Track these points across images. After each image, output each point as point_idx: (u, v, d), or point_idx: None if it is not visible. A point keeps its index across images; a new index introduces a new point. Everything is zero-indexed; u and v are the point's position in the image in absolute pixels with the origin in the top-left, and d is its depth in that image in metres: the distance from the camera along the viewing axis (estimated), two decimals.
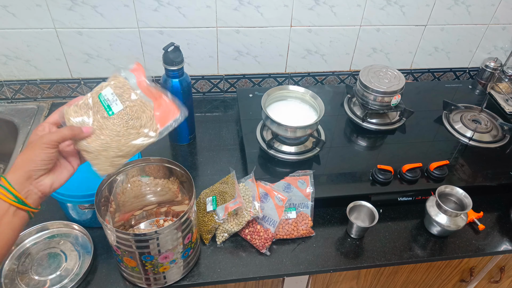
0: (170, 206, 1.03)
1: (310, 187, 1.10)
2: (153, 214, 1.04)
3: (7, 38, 1.26)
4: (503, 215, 1.17)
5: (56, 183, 0.70)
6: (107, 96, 0.74)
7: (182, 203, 1.02)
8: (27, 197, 0.65)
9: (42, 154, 0.65)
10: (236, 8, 1.29)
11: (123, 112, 0.74)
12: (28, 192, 0.65)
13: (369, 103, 1.32)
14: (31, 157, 0.65)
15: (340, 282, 1.17)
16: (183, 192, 1.00)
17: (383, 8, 1.38)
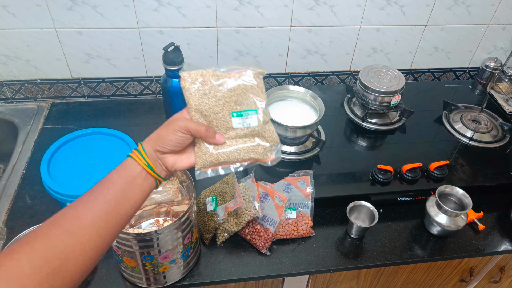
0: (170, 206, 1.03)
1: (310, 187, 1.10)
2: (153, 214, 1.04)
3: (7, 38, 1.26)
4: (503, 215, 1.17)
5: (178, 165, 0.71)
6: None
7: (182, 203, 1.02)
8: (155, 166, 0.69)
9: (172, 136, 0.68)
10: (236, 8, 1.29)
11: (255, 129, 0.73)
12: (155, 160, 0.68)
13: (369, 103, 1.32)
14: (163, 134, 0.68)
15: (340, 282, 1.17)
16: (183, 192, 1.00)
17: (383, 8, 1.38)
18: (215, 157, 0.71)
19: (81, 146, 1.09)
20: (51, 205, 1.09)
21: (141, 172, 0.67)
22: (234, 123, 0.71)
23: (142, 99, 1.47)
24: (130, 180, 0.65)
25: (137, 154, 0.67)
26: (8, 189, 1.13)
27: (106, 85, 1.42)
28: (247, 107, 0.71)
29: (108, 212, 0.61)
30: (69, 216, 0.59)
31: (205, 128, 0.69)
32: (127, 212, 0.64)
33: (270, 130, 0.73)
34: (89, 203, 0.61)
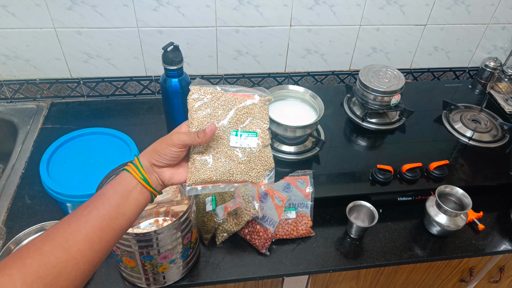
0: (169, 206, 1.03)
1: (310, 187, 1.10)
2: (152, 214, 1.04)
3: (7, 38, 1.26)
4: (502, 215, 1.17)
5: (175, 179, 0.72)
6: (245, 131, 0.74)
7: (181, 203, 1.02)
8: (151, 180, 0.69)
9: (166, 150, 0.68)
10: (236, 7, 1.29)
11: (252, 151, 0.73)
12: (151, 176, 0.69)
13: (368, 102, 1.32)
14: (158, 148, 0.69)
15: (340, 282, 1.17)
16: (182, 192, 1.00)
17: (383, 7, 1.38)
18: (207, 175, 0.71)
19: (81, 146, 1.09)
20: (50, 205, 1.09)
21: (136, 186, 0.67)
22: (231, 141, 0.72)
23: (141, 99, 1.47)
24: (125, 195, 0.66)
25: (133, 168, 0.68)
26: (7, 189, 1.13)
27: (106, 85, 1.42)
28: (248, 129, 0.73)
29: (102, 227, 0.62)
30: (63, 231, 0.59)
31: (196, 133, 0.69)
32: (121, 227, 0.65)
33: (267, 155, 0.74)
34: (83, 218, 0.61)
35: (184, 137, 0.68)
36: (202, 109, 0.72)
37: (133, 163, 0.69)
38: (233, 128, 0.72)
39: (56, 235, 0.58)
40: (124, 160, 0.95)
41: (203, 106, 0.72)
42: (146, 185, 0.68)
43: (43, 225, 1.00)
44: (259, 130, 0.73)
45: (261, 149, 0.72)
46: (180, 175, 0.72)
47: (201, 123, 0.71)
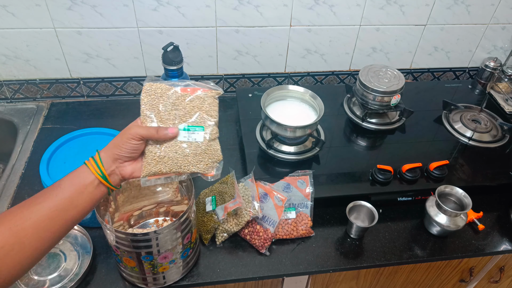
0: (169, 206, 1.03)
1: (310, 187, 1.10)
2: (152, 214, 1.04)
3: (7, 38, 1.26)
4: (502, 215, 1.17)
5: (136, 174, 0.75)
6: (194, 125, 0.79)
7: (181, 203, 1.02)
8: (110, 175, 0.72)
9: (126, 144, 0.72)
10: (236, 7, 1.29)
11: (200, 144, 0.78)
12: (112, 171, 0.72)
13: (368, 102, 1.32)
14: (118, 143, 0.72)
15: (340, 282, 1.17)
16: (182, 192, 1.00)
17: (383, 7, 1.38)
18: (158, 168, 0.75)
19: (81, 146, 1.09)
20: None
21: (93, 181, 0.70)
22: (180, 136, 0.76)
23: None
24: (80, 188, 0.69)
25: (92, 163, 0.71)
26: (7, 189, 1.13)
27: (106, 85, 1.42)
28: (196, 123, 0.77)
29: (52, 217, 0.65)
30: (14, 216, 0.63)
31: (155, 129, 0.74)
32: (73, 218, 0.68)
33: (215, 148, 0.78)
34: (35, 207, 0.65)
35: (142, 130, 0.73)
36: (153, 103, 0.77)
37: (93, 158, 0.72)
38: (181, 122, 0.77)
39: (8, 218, 0.63)
40: None
41: (154, 101, 0.77)
42: (104, 181, 0.71)
43: None
44: (207, 125, 0.78)
45: (208, 142, 0.77)
46: (140, 170, 0.75)
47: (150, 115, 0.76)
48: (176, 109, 0.77)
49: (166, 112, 0.77)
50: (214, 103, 0.79)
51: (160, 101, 0.77)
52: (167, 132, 0.74)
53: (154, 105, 0.77)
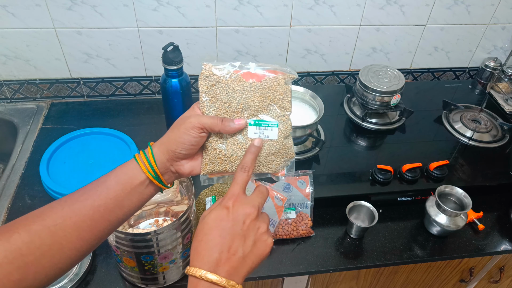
0: (169, 206, 1.03)
1: (310, 187, 1.09)
2: (152, 214, 1.04)
3: (7, 38, 1.26)
4: (502, 215, 1.17)
5: (196, 170, 0.65)
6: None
7: (181, 203, 1.02)
8: (164, 174, 0.63)
9: (185, 136, 0.60)
10: (236, 7, 1.29)
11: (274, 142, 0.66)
12: (166, 169, 0.62)
13: (368, 102, 1.32)
14: (175, 137, 0.61)
15: (340, 282, 1.17)
16: (182, 192, 1.00)
17: (383, 7, 1.38)
18: (222, 167, 0.66)
19: (81, 146, 1.09)
20: None
21: (144, 181, 0.61)
22: (250, 132, 0.64)
23: (141, 99, 1.47)
24: (128, 188, 0.60)
25: (143, 160, 0.61)
26: (7, 189, 1.13)
27: (106, 85, 1.42)
28: (269, 118, 0.65)
29: (95, 218, 0.58)
30: (54, 214, 0.57)
31: (219, 119, 0.62)
32: (118, 219, 0.60)
33: (288, 146, 0.67)
34: (77, 205, 0.58)
35: (204, 119, 0.61)
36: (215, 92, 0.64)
37: (145, 154, 0.61)
38: (252, 116, 0.64)
39: (47, 215, 0.56)
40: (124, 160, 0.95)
41: (216, 89, 0.64)
42: (156, 181, 0.61)
43: None
44: (281, 119, 0.65)
45: (282, 140, 0.65)
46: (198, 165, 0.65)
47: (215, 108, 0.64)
48: (244, 99, 0.64)
49: (232, 103, 0.64)
50: (287, 91, 0.65)
51: (223, 89, 0.64)
52: (233, 123, 0.62)
53: (216, 94, 0.64)
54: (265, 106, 0.64)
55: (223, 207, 0.58)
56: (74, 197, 0.59)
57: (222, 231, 0.56)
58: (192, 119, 0.61)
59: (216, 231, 0.56)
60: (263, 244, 0.58)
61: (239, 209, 0.57)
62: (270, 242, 0.58)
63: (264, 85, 0.64)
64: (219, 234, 0.56)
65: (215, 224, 0.56)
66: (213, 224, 0.57)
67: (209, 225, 0.57)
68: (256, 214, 0.58)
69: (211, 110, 0.64)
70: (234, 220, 0.57)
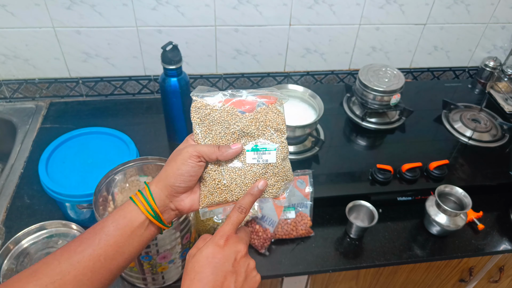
0: None
1: (309, 187, 1.09)
2: None
3: (6, 37, 1.25)
4: (502, 214, 1.17)
5: (196, 205, 0.63)
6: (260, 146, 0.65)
7: None
8: (164, 212, 0.61)
9: (183, 167, 0.59)
10: (235, 6, 1.29)
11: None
12: (165, 207, 0.61)
13: (368, 102, 1.32)
14: (172, 170, 0.59)
15: (340, 282, 1.16)
16: None
17: (383, 7, 1.38)
18: (222, 197, 0.64)
19: (79, 146, 1.09)
20: (49, 205, 1.09)
21: (143, 222, 0.59)
22: (248, 158, 0.63)
23: (140, 98, 1.46)
24: (127, 232, 0.58)
25: (141, 200, 0.59)
26: (6, 189, 1.13)
27: (105, 84, 1.41)
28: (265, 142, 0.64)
29: (95, 269, 0.55)
30: (51, 270, 0.53)
31: (217, 146, 0.61)
32: (119, 267, 0.58)
33: (287, 168, 0.66)
34: (75, 257, 0.54)
35: (203, 147, 0.60)
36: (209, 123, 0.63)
37: (142, 193, 0.60)
38: (249, 143, 0.64)
39: (43, 273, 0.53)
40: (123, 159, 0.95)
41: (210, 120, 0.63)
42: (156, 222, 0.60)
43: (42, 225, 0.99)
44: (276, 142, 0.64)
45: (280, 163, 0.65)
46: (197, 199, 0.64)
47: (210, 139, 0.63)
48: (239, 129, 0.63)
49: (227, 133, 0.63)
50: (279, 115, 0.65)
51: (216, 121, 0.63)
52: (230, 148, 0.61)
53: (209, 125, 0.63)
54: (261, 132, 0.64)
55: (215, 245, 0.57)
56: (70, 249, 0.56)
57: (214, 268, 0.55)
58: (188, 148, 0.60)
59: (208, 269, 0.55)
60: (252, 281, 0.58)
61: (231, 247, 0.57)
62: (258, 279, 0.58)
63: (257, 115, 0.64)
64: (211, 272, 0.55)
65: (207, 262, 0.55)
66: (205, 261, 0.56)
67: (200, 263, 0.56)
68: (246, 251, 0.59)
69: (206, 141, 0.63)
70: (226, 257, 0.56)
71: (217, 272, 0.55)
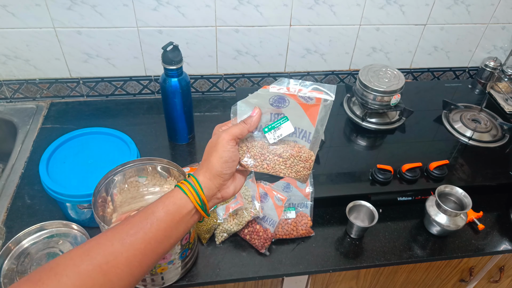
0: None
1: (310, 187, 1.09)
2: None
3: (7, 38, 1.26)
4: (502, 215, 1.17)
5: (238, 188, 0.68)
6: None
7: None
8: (209, 201, 0.64)
9: (224, 154, 0.63)
10: (236, 7, 1.29)
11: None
12: (213, 197, 0.64)
13: (368, 102, 1.32)
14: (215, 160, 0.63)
15: (340, 282, 1.17)
16: None
17: (383, 7, 1.38)
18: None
19: (80, 146, 1.09)
20: (50, 205, 1.09)
21: (191, 211, 0.62)
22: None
23: (141, 99, 1.47)
24: (177, 219, 0.61)
25: (190, 190, 0.62)
26: (7, 189, 1.13)
27: (105, 85, 1.42)
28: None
29: (146, 252, 0.57)
30: (103, 250, 0.55)
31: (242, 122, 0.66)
32: (165, 250, 0.61)
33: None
34: (128, 239, 0.57)
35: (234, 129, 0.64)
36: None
37: (189, 183, 0.63)
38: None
39: (96, 252, 0.55)
40: (123, 160, 0.95)
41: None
42: (202, 211, 0.63)
43: (42, 225, 1.00)
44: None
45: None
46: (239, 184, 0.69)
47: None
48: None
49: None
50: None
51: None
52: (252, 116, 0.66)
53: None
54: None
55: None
56: (122, 231, 0.58)
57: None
58: (223, 135, 0.64)
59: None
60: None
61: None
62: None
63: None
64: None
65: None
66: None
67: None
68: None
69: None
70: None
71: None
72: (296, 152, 0.69)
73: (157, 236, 0.58)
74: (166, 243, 0.60)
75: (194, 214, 0.63)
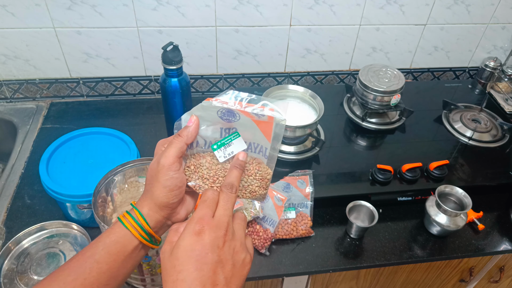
0: None
1: (310, 187, 1.09)
2: None
3: (6, 38, 1.25)
4: (502, 215, 1.17)
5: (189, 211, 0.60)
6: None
7: None
8: (159, 231, 0.57)
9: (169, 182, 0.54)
10: (236, 7, 1.29)
11: None
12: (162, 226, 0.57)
13: (368, 102, 1.32)
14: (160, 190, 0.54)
15: (340, 282, 1.16)
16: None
17: (383, 7, 1.38)
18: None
19: (80, 146, 1.09)
20: (50, 205, 1.09)
21: (137, 247, 0.55)
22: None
23: (141, 99, 1.47)
24: (121, 258, 0.54)
25: (134, 226, 0.55)
26: (7, 189, 1.13)
27: (105, 85, 1.42)
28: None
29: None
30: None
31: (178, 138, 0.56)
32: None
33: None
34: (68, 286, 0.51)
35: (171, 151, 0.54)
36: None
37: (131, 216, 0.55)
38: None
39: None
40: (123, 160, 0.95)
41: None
42: (150, 244, 0.56)
43: (42, 225, 1.00)
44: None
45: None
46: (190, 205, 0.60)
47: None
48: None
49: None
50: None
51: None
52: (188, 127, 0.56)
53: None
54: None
55: (192, 234, 0.49)
56: (60, 279, 0.52)
57: (197, 263, 0.48)
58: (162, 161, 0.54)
59: (191, 265, 0.47)
60: (242, 264, 0.51)
61: (211, 233, 0.49)
62: (248, 260, 0.52)
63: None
64: (195, 268, 0.47)
65: (187, 257, 0.48)
66: (185, 257, 0.48)
67: (180, 260, 0.48)
68: (230, 232, 0.52)
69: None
70: (208, 247, 0.49)
71: (201, 267, 0.47)
72: (253, 169, 0.60)
73: (100, 280, 0.52)
74: (113, 283, 0.54)
75: (141, 249, 0.56)
